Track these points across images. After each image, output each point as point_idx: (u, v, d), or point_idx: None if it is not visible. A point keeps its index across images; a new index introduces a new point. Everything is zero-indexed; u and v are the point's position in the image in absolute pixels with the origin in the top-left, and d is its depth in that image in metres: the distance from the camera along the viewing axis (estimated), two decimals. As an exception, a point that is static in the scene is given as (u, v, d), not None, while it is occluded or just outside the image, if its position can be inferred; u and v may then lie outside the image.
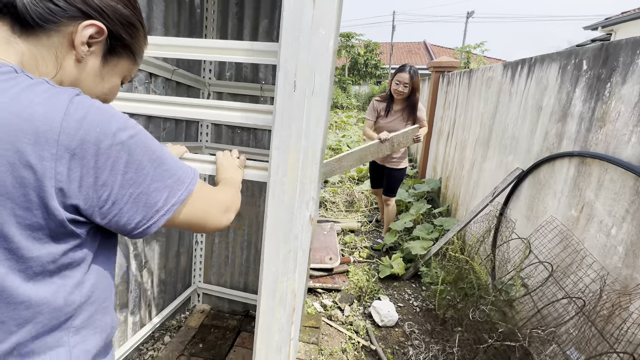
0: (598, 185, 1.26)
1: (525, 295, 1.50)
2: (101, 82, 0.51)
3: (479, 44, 14.51)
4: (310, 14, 0.73)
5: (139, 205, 0.44)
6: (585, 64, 1.37)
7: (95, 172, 0.40)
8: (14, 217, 0.37)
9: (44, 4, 0.42)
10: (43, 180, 0.37)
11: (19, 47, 0.43)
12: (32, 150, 0.36)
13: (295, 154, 0.86)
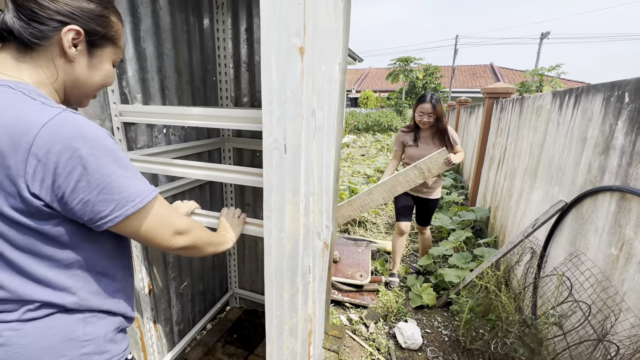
0: (637, 222, 1.18)
1: (558, 335, 1.41)
2: (95, 72, 0.62)
3: (554, 67, 13.35)
4: (298, 67, 0.84)
5: (87, 209, 0.53)
6: (627, 97, 1.32)
7: (53, 176, 0.50)
8: (7, 201, 0.51)
9: (32, 26, 0.53)
10: (17, 177, 0.49)
11: (27, 64, 0.56)
12: (12, 155, 0.48)
13: (294, 206, 0.96)
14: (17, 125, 0.48)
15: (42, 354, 0.56)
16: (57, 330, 0.58)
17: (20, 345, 0.55)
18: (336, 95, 1.32)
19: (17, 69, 0.55)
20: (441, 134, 2.35)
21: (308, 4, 0.91)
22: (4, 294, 0.54)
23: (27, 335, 0.55)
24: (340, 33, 1.35)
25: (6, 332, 0.54)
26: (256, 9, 1.54)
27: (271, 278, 0.94)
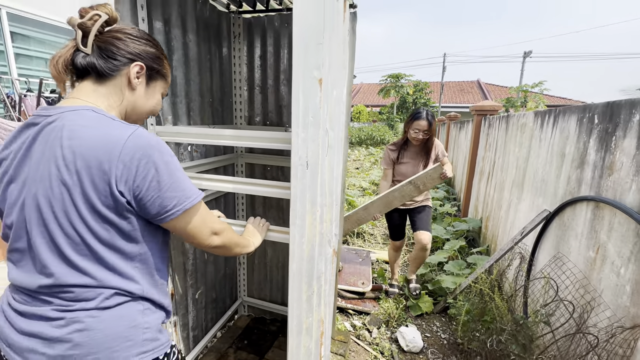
0: (609, 228, 1.36)
1: (547, 333, 1.55)
2: (149, 100, 0.77)
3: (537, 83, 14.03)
4: (318, 95, 0.98)
5: (156, 204, 0.66)
6: (597, 118, 1.52)
7: (134, 178, 0.62)
8: (100, 200, 0.62)
9: (110, 62, 0.69)
10: (110, 179, 0.61)
11: (101, 91, 0.70)
12: (107, 162, 0.61)
13: (312, 215, 1.09)
14: (108, 139, 0.62)
15: (115, 338, 0.67)
16: (126, 318, 0.69)
17: (98, 330, 0.65)
18: (343, 116, 1.49)
19: (93, 95, 0.69)
20: (427, 151, 2.36)
21: (326, 42, 1.08)
22: (89, 281, 0.65)
23: (104, 322, 0.66)
24: (347, 62, 1.53)
25: (87, 319, 0.65)
26: (270, 39, 1.72)
27: (294, 279, 1.06)
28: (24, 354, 0.64)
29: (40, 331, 0.63)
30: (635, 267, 1.19)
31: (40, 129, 0.65)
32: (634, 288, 1.19)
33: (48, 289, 0.65)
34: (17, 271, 0.68)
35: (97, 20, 0.67)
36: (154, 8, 1.17)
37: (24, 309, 0.66)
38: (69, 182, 0.61)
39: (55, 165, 0.62)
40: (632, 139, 1.25)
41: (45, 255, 0.64)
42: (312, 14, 0.91)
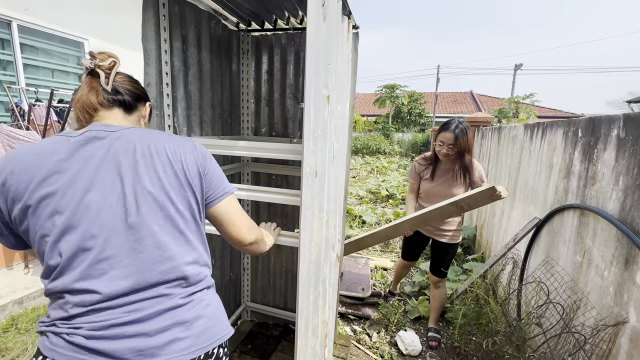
0: (593, 234, 1.46)
1: (539, 334, 1.63)
2: (148, 124, 0.92)
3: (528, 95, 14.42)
4: (326, 111, 1.09)
5: (213, 185, 0.81)
6: (580, 132, 1.64)
7: (206, 166, 0.80)
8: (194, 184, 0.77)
9: (134, 97, 0.82)
10: (198, 166, 0.79)
11: (128, 120, 0.82)
12: (192, 155, 0.78)
13: (319, 221, 1.17)
14: (185, 141, 0.80)
15: (222, 310, 0.82)
16: (217, 297, 0.84)
17: (214, 304, 0.79)
18: (346, 129, 1.59)
19: (125, 122, 0.81)
20: (465, 169, 1.94)
21: (332, 62, 1.19)
22: (203, 261, 0.78)
23: (214, 297, 0.81)
24: (350, 78, 1.64)
25: (206, 297, 0.78)
26: (276, 56, 1.83)
27: (303, 281, 1.14)
28: (164, 350, 0.67)
29: (177, 319, 0.69)
30: (617, 270, 1.29)
31: (111, 142, 0.71)
32: (616, 289, 1.28)
33: (166, 279, 0.70)
34: (112, 281, 0.66)
35: (114, 66, 0.80)
36: (174, 29, 1.27)
37: (143, 314, 0.66)
38: (182, 174, 0.74)
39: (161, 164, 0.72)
40: (612, 151, 1.37)
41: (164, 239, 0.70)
42: (322, 39, 1.02)
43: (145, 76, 1.19)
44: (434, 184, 2.05)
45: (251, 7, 1.51)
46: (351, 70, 1.64)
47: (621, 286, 1.26)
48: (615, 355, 1.27)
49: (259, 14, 1.63)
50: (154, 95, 1.24)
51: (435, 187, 2.05)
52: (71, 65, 3.78)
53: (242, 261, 2.23)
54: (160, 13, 1.20)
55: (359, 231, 4.35)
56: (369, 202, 6.01)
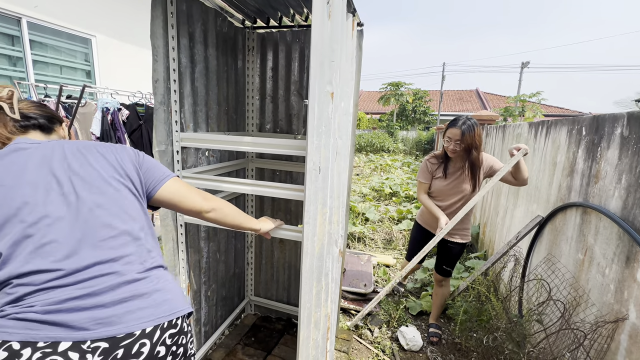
0: (595, 232, 1.47)
1: (539, 331, 1.64)
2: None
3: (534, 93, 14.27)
4: (330, 107, 1.10)
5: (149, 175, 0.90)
6: (584, 130, 1.64)
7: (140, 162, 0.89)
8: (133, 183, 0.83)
9: (48, 119, 0.88)
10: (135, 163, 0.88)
11: (47, 140, 0.85)
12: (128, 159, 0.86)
13: (322, 216, 1.19)
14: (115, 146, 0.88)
15: (178, 287, 0.84)
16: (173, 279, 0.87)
17: (169, 280, 0.82)
18: (350, 125, 1.60)
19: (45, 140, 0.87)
20: (473, 166, 1.92)
21: (337, 59, 1.20)
22: (150, 244, 0.83)
23: (168, 275, 0.84)
24: (354, 75, 1.65)
25: (160, 274, 0.81)
26: (281, 53, 1.85)
27: (306, 274, 1.16)
28: (126, 318, 0.68)
29: (135, 292, 0.72)
30: (618, 268, 1.29)
31: (37, 148, 0.77)
32: (617, 287, 1.29)
33: (118, 254, 0.74)
34: (60, 260, 0.68)
35: (13, 94, 0.83)
36: (181, 26, 1.30)
37: (98, 288, 0.68)
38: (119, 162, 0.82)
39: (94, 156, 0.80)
40: (615, 150, 1.37)
41: (109, 218, 0.76)
42: (327, 36, 1.03)
43: (154, 72, 1.21)
44: (447, 182, 2.03)
45: (256, 4, 1.53)
46: (355, 67, 1.66)
47: (622, 283, 1.27)
48: (614, 352, 1.28)
49: (264, 11, 1.64)
50: (162, 92, 1.26)
51: (448, 186, 2.03)
52: (79, 62, 3.83)
53: (246, 256, 2.26)
54: (168, 11, 1.22)
55: (361, 228, 4.37)
56: (372, 200, 6.02)
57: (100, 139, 2.83)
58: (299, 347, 1.21)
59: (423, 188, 2.12)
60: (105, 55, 4.03)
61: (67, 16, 3.55)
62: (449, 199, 2.04)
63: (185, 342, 0.80)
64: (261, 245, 2.25)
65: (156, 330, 0.71)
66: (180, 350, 0.77)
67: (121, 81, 4.05)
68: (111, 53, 4.10)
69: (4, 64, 3.12)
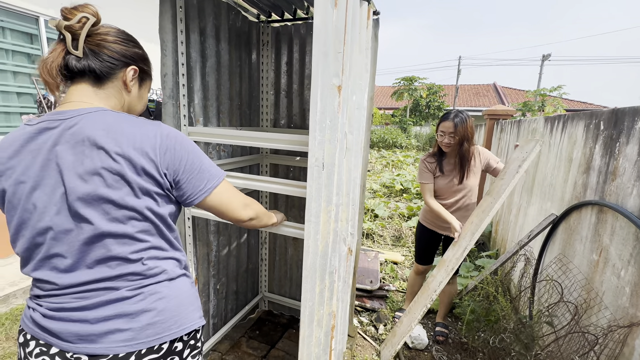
0: (611, 232, 1.41)
1: (550, 333, 1.60)
2: (140, 101, 0.81)
3: (556, 87, 13.74)
4: (336, 101, 1.07)
5: (190, 185, 0.75)
6: (602, 125, 1.57)
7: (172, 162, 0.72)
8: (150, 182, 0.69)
9: (107, 65, 0.70)
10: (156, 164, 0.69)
11: (101, 94, 0.71)
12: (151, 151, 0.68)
13: (327, 213, 1.18)
14: (147, 133, 0.69)
15: (185, 303, 0.77)
16: (186, 288, 0.79)
17: (172, 297, 0.75)
18: (364, 120, 1.57)
19: (95, 98, 0.71)
20: (462, 159, 1.94)
21: (346, 51, 1.18)
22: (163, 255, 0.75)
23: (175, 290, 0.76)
24: (369, 67, 1.59)
25: (162, 289, 0.74)
26: (296, 46, 1.84)
27: (307, 273, 1.16)
28: (102, 339, 0.68)
29: (120, 311, 0.69)
30: (634, 270, 1.24)
31: (61, 132, 0.66)
32: (633, 290, 1.24)
33: (113, 274, 0.69)
34: (61, 274, 0.68)
35: (86, 22, 0.67)
36: (191, 20, 1.31)
37: (88, 302, 0.68)
38: (122, 171, 0.66)
39: (100, 160, 0.65)
40: (634, 145, 1.31)
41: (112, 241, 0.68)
42: (331, 25, 1.01)
43: (162, 67, 1.23)
44: (447, 179, 2.02)
45: (269, -2, 1.52)
46: (370, 59, 1.59)
47: (638, 287, 1.21)
48: (628, 358, 1.23)
49: (278, 5, 1.63)
50: (171, 86, 1.28)
51: (449, 183, 2.02)
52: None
53: (260, 252, 2.29)
54: (177, 5, 1.23)
55: (370, 225, 4.35)
56: (383, 196, 5.97)
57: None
58: (300, 344, 1.22)
59: (428, 190, 2.05)
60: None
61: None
62: (452, 197, 2.02)
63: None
64: (275, 241, 2.26)
65: (130, 356, 0.68)
66: None
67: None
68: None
69: (24, 61, 3.23)
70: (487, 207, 1.79)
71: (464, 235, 1.85)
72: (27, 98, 3.30)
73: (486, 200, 1.84)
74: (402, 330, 1.90)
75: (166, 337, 0.72)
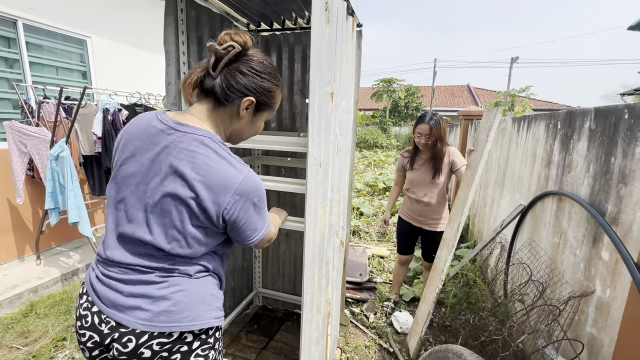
0: (569, 217, 1.62)
1: (520, 310, 1.80)
2: (252, 127, 0.88)
3: (524, 88, 14.58)
4: (329, 106, 1.20)
5: (242, 231, 0.82)
6: (559, 124, 1.80)
7: (235, 209, 0.78)
8: (205, 219, 0.76)
9: (229, 92, 0.77)
10: (220, 207, 0.76)
11: (215, 116, 0.80)
12: (223, 195, 0.75)
13: (323, 208, 1.29)
14: (228, 177, 0.75)
15: (201, 300, 0.82)
16: (207, 287, 0.85)
17: (192, 292, 0.81)
18: (351, 123, 1.71)
19: (209, 118, 0.80)
20: (435, 159, 2.18)
21: (337, 62, 1.31)
22: (201, 263, 0.84)
23: (195, 286, 0.82)
24: (354, 74, 1.74)
25: (185, 283, 0.81)
26: (285, 54, 1.95)
27: (308, 262, 1.27)
28: (128, 312, 0.76)
29: (145, 292, 0.77)
30: (587, 248, 1.45)
31: (170, 144, 0.75)
32: (586, 265, 1.45)
33: (155, 265, 0.78)
34: (119, 250, 0.79)
35: (231, 51, 0.75)
36: (190, 32, 1.40)
37: (126, 277, 0.78)
38: (191, 195, 0.73)
39: (180, 181, 0.73)
40: (584, 142, 1.52)
41: (160, 237, 0.76)
42: (325, 40, 1.14)
43: (167, 76, 1.31)
44: (416, 173, 2.28)
45: (260, 8, 1.63)
46: (355, 67, 1.75)
47: (589, 262, 1.42)
48: (583, 322, 1.44)
49: (267, 15, 1.74)
50: (174, 94, 1.36)
51: (418, 176, 2.27)
52: (74, 63, 3.86)
53: (254, 249, 2.37)
54: (178, 18, 1.32)
55: (356, 222, 4.51)
56: (367, 195, 6.17)
57: (102, 139, 2.90)
58: (302, 328, 1.33)
59: (396, 181, 2.49)
60: (100, 56, 4.06)
61: (62, 18, 3.57)
62: (421, 190, 2.27)
63: (186, 351, 0.79)
64: (269, 237, 2.35)
65: (144, 334, 0.75)
66: (175, 356, 0.78)
67: (117, 82, 4.09)
68: (106, 54, 4.13)
69: (1, 66, 3.14)
70: (469, 180, 1.97)
71: (456, 213, 2.03)
72: (6, 103, 3.21)
73: (467, 175, 2.01)
74: (422, 317, 2.05)
75: (176, 327, 0.76)
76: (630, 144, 1.22)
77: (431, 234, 2.31)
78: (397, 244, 2.51)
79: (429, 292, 2.05)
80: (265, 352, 1.97)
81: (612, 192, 1.30)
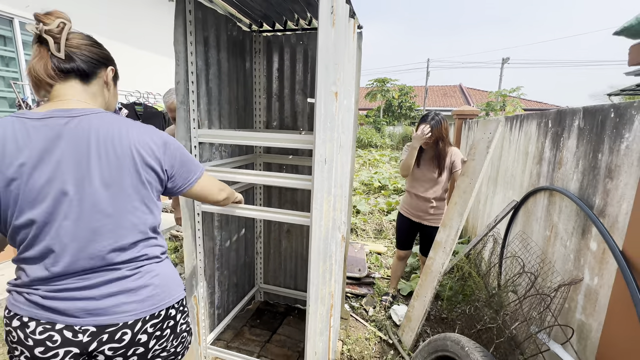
0: (559, 211, 1.71)
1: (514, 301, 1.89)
2: (114, 98, 0.91)
3: (515, 88, 14.86)
4: (334, 105, 1.26)
5: (182, 177, 0.90)
6: (550, 123, 1.89)
7: (171, 160, 0.86)
8: (151, 175, 0.81)
9: (92, 64, 0.79)
10: (161, 161, 0.83)
11: (89, 91, 0.79)
12: (157, 149, 0.81)
13: (328, 203, 1.35)
14: (152, 136, 0.82)
15: (173, 278, 0.90)
16: (171, 266, 0.93)
17: (164, 273, 0.88)
18: (352, 121, 1.77)
19: (85, 95, 0.79)
20: (438, 158, 2.26)
21: (341, 62, 1.37)
22: (153, 243, 0.87)
23: (165, 268, 0.89)
24: (354, 74, 1.80)
25: (156, 267, 0.86)
26: (286, 54, 2.00)
27: (314, 254, 1.33)
28: (110, 311, 0.77)
29: (123, 288, 0.79)
30: (576, 240, 1.54)
31: (65, 130, 0.71)
32: (575, 256, 1.54)
33: (114, 260, 0.78)
34: (62, 260, 0.74)
35: (64, 27, 0.74)
36: (198, 32, 1.44)
37: (93, 282, 0.76)
38: (127, 165, 0.76)
39: (105, 156, 0.73)
40: (574, 139, 1.61)
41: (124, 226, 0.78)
42: (331, 42, 1.19)
43: (176, 75, 1.35)
44: (420, 171, 2.37)
45: (262, 9, 1.68)
46: (355, 67, 1.81)
47: (579, 252, 1.51)
48: (573, 310, 1.53)
49: (269, 16, 1.79)
50: (183, 92, 1.40)
51: (422, 173, 2.36)
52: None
53: (256, 246, 2.41)
54: (187, 19, 1.36)
55: (353, 219, 4.58)
56: (362, 193, 6.25)
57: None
58: (307, 319, 1.38)
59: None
60: (97, 53, 4.06)
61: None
62: (423, 186, 2.35)
63: (173, 324, 0.87)
64: (269, 235, 2.40)
65: (137, 322, 0.80)
66: (166, 332, 0.86)
67: (114, 80, 4.08)
68: (103, 52, 4.13)
69: (-2, 63, 3.13)
70: (466, 187, 2.05)
71: (451, 217, 2.11)
72: (3, 102, 3.19)
73: (464, 182, 2.08)
74: (417, 315, 2.12)
75: (162, 305, 0.84)
76: (616, 141, 1.30)
77: (430, 229, 2.39)
78: (397, 239, 2.57)
79: (422, 292, 2.13)
80: (269, 345, 2.02)
81: (599, 186, 1.39)
